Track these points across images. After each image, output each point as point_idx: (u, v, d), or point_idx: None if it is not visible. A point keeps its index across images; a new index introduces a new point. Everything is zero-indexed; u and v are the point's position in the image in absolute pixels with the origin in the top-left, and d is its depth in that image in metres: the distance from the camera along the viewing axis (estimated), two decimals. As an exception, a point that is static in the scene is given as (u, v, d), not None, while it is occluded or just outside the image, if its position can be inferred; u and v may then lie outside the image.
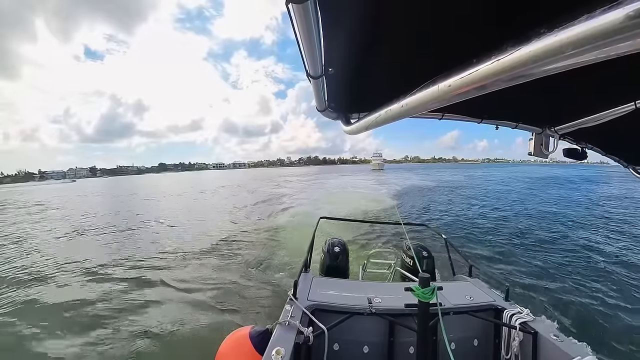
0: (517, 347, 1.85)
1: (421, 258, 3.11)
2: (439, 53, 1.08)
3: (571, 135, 1.84)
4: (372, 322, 2.02)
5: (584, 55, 0.49)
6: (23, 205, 27.93)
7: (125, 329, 4.59)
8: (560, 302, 5.35)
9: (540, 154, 1.78)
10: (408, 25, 1.01)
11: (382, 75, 1.43)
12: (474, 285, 2.49)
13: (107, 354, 4.00)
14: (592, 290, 5.86)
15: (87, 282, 6.77)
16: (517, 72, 0.63)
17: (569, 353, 1.58)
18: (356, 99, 1.77)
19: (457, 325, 2.05)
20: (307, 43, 0.94)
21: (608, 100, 1.36)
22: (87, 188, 59.22)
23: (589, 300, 5.46)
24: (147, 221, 15.14)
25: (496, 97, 0.90)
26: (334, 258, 3.13)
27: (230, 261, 7.81)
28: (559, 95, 1.39)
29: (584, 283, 6.22)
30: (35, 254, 9.60)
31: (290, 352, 1.48)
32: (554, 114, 1.68)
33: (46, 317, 5.09)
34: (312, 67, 1.14)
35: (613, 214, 14.61)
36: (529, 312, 1.94)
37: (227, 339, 1.84)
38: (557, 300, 5.42)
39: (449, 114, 1.73)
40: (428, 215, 14.66)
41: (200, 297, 5.60)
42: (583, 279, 6.46)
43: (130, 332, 4.51)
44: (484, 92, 0.77)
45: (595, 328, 4.58)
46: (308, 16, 0.81)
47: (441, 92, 0.87)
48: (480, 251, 8.43)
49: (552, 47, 0.53)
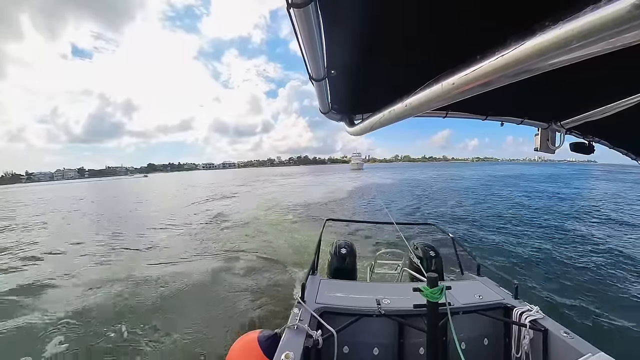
0: (527, 345, 1.84)
1: (429, 258, 3.09)
2: (442, 51, 1.07)
3: (578, 130, 1.82)
4: (381, 324, 2.01)
5: (590, 48, 0.49)
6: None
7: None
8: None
9: (547, 150, 1.76)
10: (409, 24, 1.01)
11: (385, 76, 1.42)
12: (483, 283, 2.47)
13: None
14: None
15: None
16: (522, 67, 0.63)
17: (580, 350, 1.56)
18: (359, 100, 1.76)
19: (466, 325, 2.04)
20: (309, 47, 0.94)
21: (615, 92, 1.33)
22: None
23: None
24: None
25: (501, 93, 0.90)
26: (342, 260, 3.10)
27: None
28: (564, 89, 1.38)
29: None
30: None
31: (299, 356, 1.46)
32: (559, 108, 1.66)
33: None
34: (314, 70, 1.13)
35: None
36: (539, 309, 1.93)
37: (236, 344, 1.80)
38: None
39: (453, 111, 1.72)
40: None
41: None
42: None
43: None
44: (489, 88, 0.77)
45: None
46: (309, 20, 0.80)
47: (445, 90, 0.87)
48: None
49: (557, 40, 0.53)
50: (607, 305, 5.21)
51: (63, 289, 6.59)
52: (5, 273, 7.87)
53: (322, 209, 17.18)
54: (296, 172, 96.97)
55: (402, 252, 3.59)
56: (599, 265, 7.26)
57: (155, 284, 6.43)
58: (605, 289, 5.94)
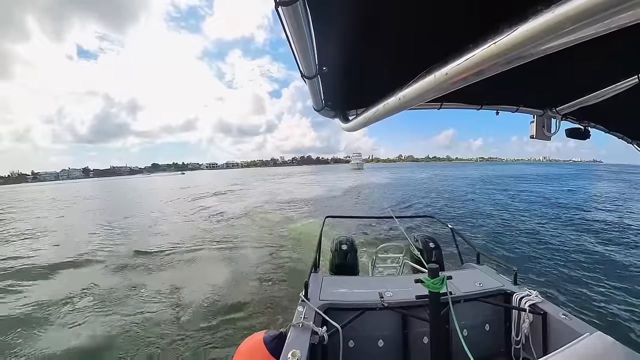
0: (527, 328, 1.88)
1: (429, 249, 3.13)
2: (433, 42, 1.06)
3: (573, 115, 1.82)
4: (385, 317, 2.03)
5: (584, 30, 0.48)
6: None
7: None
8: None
9: (543, 136, 1.76)
10: (398, 16, 1.00)
11: (377, 70, 1.42)
12: (483, 271, 2.51)
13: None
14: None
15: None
16: (515, 53, 0.62)
17: (578, 330, 1.60)
18: (353, 96, 1.76)
19: (468, 312, 2.08)
20: (299, 44, 0.93)
21: (610, 76, 1.33)
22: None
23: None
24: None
25: (495, 82, 0.88)
26: (343, 256, 3.13)
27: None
28: (559, 74, 1.37)
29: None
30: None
31: (306, 354, 1.47)
32: (554, 94, 1.66)
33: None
34: (306, 67, 1.13)
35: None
36: (538, 294, 1.97)
37: (241, 347, 1.78)
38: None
39: (448, 102, 1.72)
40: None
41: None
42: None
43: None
44: (482, 77, 0.76)
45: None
46: (298, 17, 0.79)
47: (438, 81, 0.86)
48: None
49: (551, 25, 0.51)
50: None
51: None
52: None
53: (313, 204, 18.40)
54: (298, 171, 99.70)
55: (403, 245, 3.61)
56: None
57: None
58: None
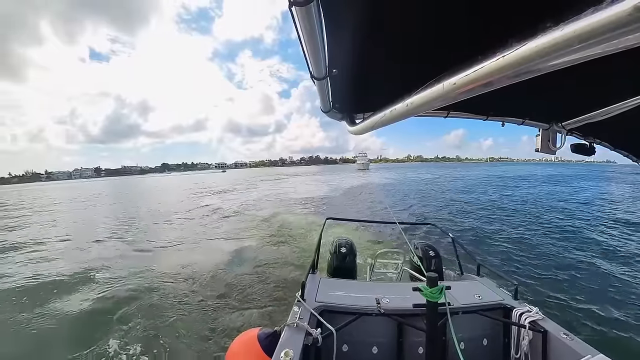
0: (526, 346, 1.83)
1: (429, 257, 3.07)
2: (443, 51, 1.06)
3: (579, 131, 1.80)
4: (381, 323, 2.01)
5: (591, 49, 0.48)
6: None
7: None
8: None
9: (548, 151, 1.74)
10: (411, 24, 1.00)
11: (386, 75, 1.42)
12: (483, 284, 2.46)
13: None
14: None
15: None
16: (523, 67, 0.62)
17: (580, 352, 1.55)
18: (361, 99, 1.76)
19: (466, 325, 2.03)
20: (310, 45, 0.94)
21: (616, 93, 1.33)
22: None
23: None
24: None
25: (502, 94, 0.88)
26: (342, 259, 3.09)
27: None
28: (565, 90, 1.36)
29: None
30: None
31: (299, 354, 1.47)
32: (561, 109, 1.65)
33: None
34: (316, 68, 1.14)
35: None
36: (538, 310, 1.92)
37: (236, 341, 1.82)
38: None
39: (454, 111, 1.71)
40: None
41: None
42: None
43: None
44: (490, 89, 0.76)
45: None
46: (311, 18, 0.80)
47: (446, 90, 0.86)
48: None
49: (559, 42, 0.52)
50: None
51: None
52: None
53: (317, 201, 19.37)
54: (304, 171, 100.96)
55: (402, 252, 3.59)
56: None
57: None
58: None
